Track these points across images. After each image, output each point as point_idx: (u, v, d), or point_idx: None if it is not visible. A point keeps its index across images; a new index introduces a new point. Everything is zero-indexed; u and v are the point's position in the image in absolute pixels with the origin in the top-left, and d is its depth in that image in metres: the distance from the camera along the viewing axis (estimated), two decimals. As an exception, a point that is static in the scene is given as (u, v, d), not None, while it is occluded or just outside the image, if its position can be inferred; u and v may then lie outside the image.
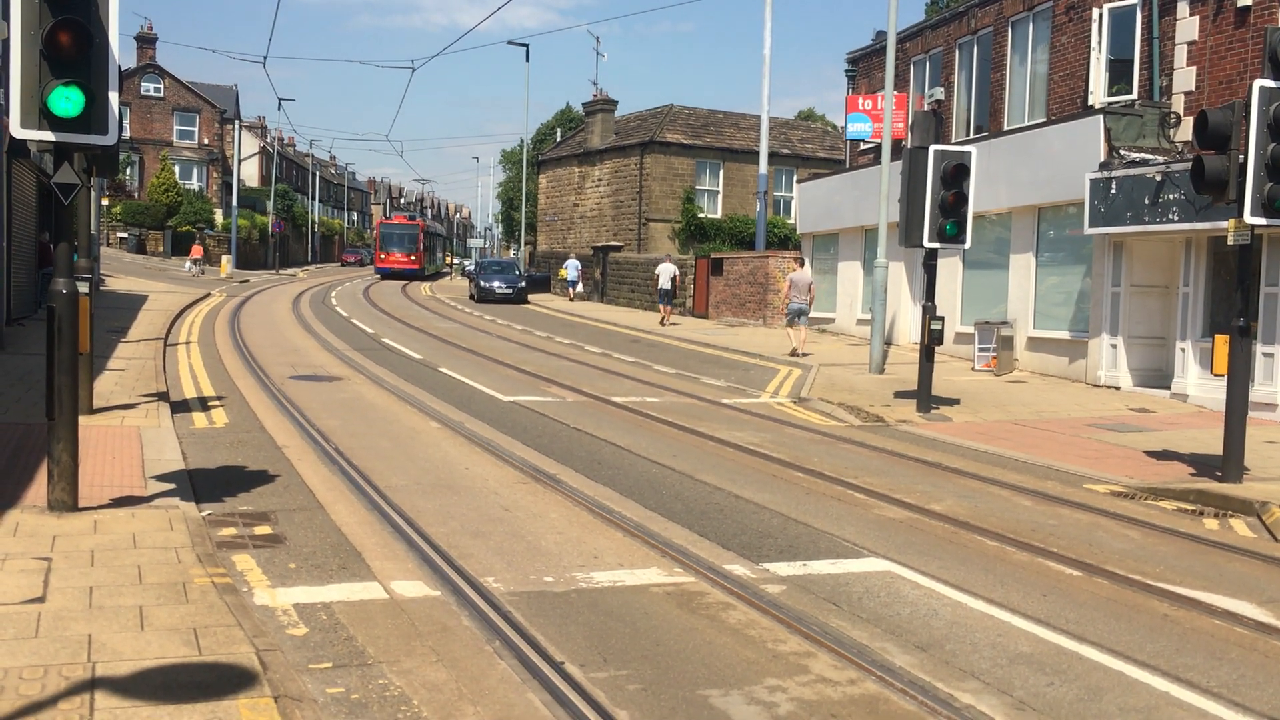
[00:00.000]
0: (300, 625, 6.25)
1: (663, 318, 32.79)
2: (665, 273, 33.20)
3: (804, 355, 23.09)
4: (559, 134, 66.59)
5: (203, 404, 14.35)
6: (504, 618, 6.46)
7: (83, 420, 8.83)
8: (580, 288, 45.02)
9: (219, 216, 67.66)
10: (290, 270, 69.54)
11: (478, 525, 8.66)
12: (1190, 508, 10.72)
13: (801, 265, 26.36)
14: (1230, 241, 11.36)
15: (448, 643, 6.07)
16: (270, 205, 72.31)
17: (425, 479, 10.32)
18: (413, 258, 62.58)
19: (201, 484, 9.51)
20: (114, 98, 7.46)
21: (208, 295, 36.75)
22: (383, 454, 11.43)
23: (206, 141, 71.56)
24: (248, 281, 49.19)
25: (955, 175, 15.53)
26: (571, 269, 44.87)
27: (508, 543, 8.18)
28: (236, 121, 70.09)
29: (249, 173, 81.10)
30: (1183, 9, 18.68)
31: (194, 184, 69.77)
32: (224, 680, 5.07)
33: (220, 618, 5.89)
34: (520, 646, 5.99)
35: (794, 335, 23.79)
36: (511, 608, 6.68)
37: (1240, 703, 5.66)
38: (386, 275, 61.40)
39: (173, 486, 9.03)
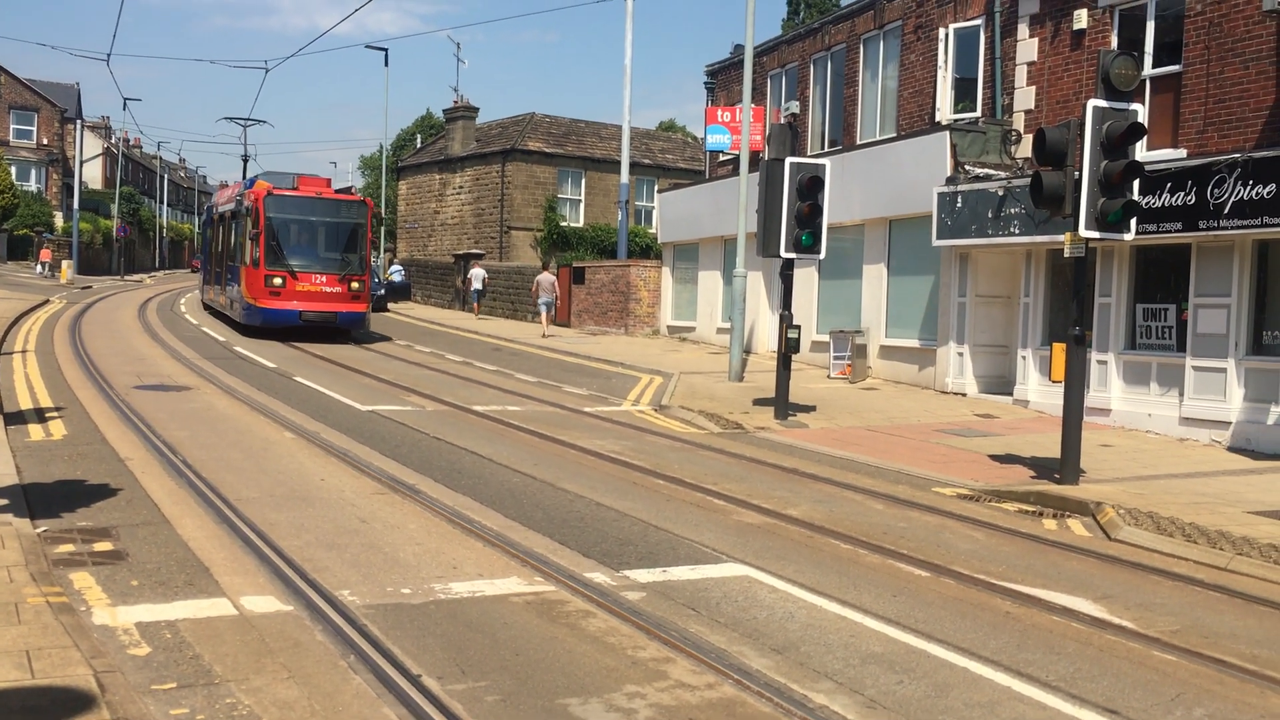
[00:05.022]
0: (143, 645, 6.01)
1: (476, 312, 38.18)
2: (477, 276, 38.38)
3: (550, 336, 29.67)
4: (419, 140, 65.23)
5: (39, 415, 13.68)
6: (359, 631, 6.32)
7: (-95, 434, 8.34)
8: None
9: (59, 220, 64.61)
10: (137, 276, 66.83)
11: (333, 537, 8.47)
12: (1031, 509, 11.19)
13: (548, 269, 33.25)
14: (1067, 254, 11.91)
15: (300, 659, 5.91)
16: (115, 208, 69.39)
17: (278, 491, 10.05)
18: (355, 286, 26.98)
19: (37, 499, 9.06)
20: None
21: (46, 301, 35.02)
22: (233, 466, 11.08)
23: (46, 141, 68.36)
24: (90, 288, 47.09)
25: (810, 187, 15.89)
26: (396, 273, 47.92)
27: (364, 555, 8.03)
28: (78, 121, 67.06)
29: (92, 174, 77.71)
30: (1023, 31, 19.51)
31: (32, 185, 66.52)
32: (58, 705, 4.83)
33: (55, 639, 5.62)
34: (376, 661, 5.87)
35: (545, 323, 30.98)
36: (367, 621, 6.55)
37: (1077, 695, 5.92)
38: (277, 324, 26.23)
39: (5, 502, 8.58)
